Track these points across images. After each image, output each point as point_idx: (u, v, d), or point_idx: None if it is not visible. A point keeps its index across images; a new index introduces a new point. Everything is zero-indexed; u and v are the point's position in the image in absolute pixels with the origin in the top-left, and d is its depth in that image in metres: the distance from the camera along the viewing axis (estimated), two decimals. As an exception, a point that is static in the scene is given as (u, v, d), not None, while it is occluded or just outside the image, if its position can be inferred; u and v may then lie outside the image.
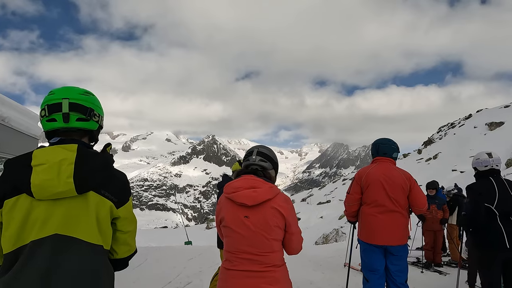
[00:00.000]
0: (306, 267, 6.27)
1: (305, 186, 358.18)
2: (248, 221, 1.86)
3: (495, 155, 3.42)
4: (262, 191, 1.88)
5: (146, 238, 17.54)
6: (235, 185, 1.94)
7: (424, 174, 22.16)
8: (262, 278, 1.83)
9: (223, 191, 2.03)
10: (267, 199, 1.87)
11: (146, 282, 5.22)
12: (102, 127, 1.67)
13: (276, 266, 1.88)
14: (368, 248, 3.34)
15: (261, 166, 2.05)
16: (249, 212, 1.87)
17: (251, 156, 2.08)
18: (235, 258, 1.90)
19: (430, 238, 6.92)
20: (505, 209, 3.14)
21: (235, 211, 1.91)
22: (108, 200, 1.47)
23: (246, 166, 2.08)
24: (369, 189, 3.34)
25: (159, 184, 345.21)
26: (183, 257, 7.01)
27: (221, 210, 1.99)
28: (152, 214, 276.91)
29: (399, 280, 3.24)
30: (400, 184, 3.26)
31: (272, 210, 1.87)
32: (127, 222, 1.57)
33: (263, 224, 1.85)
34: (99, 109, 1.61)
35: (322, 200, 31.38)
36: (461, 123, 39.22)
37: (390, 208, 3.24)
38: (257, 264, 1.84)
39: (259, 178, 1.96)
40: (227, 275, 1.92)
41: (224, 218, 1.94)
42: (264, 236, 1.85)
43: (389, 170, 3.34)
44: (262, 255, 1.85)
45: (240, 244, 1.88)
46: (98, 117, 1.59)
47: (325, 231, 16.57)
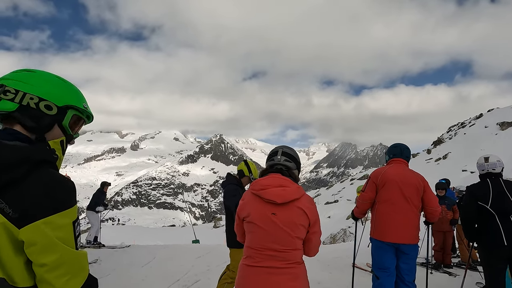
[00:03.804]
0: (314, 267, 6.25)
1: (313, 185, 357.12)
2: (275, 217, 1.91)
3: (493, 159, 3.52)
4: (291, 190, 1.96)
5: (154, 236, 17.72)
6: (264, 183, 2.00)
7: (433, 174, 21.91)
8: (283, 275, 1.88)
9: (250, 187, 2.08)
10: (295, 198, 1.94)
11: (155, 280, 5.27)
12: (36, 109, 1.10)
13: (298, 263, 1.95)
14: (380, 246, 3.42)
15: (286, 166, 2.12)
16: (276, 209, 1.93)
17: (276, 156, 2.15)
18: (258, 254, 1.94)
19: (439, 239, 6.84)
20: (501, 208, 3.28)
21: (262, 207, 1.96)
22: (1, 214, 0.94)
23: (271, 165, 2.14)
24: (385, 188, 3.44)
25: (167, 183, 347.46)
26: (191, 255, 7.05)
27: (246, 205, 2.03)
28: (160, 212, 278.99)
29: (407, 279, 3.34)
30: (415, 184, 3.37)
31: (298, 210, 1.94)
32: (38, 249, 0.96)
33: (289, 221, 1.91)
34: (22, 84, 1.09)
35: (329, 200, 31.28)
36: (471, 122, 38.63)
37: (404, 207, 3.34)
38: (280, 260, 1.90)
39: (286, 178, 2.03)
40: (248, 272, 1.95)
41: (250, 214, 1.98)
42: (289, 233, 1.91)
43: (404, 171, 3.48)
44: (285, 252, 1.90)
45: (265, 241, 1.92)
46: (15, 94, 1.07)
47: (332, 231, 16.52)
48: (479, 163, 3.61)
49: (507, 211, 3.27)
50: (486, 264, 3.41)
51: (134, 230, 23.36)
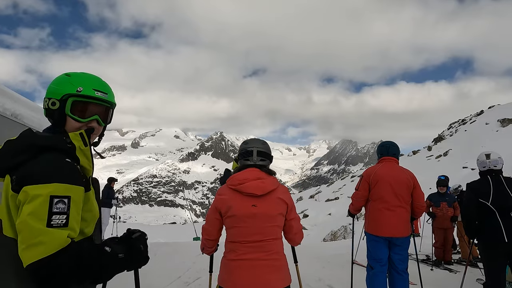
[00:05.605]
0: (315, 264, 6.27)
1: (313, 183, 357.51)
2: (256, 209, 1.98)
3: (494, 156, 3.56)
4: (268, 181, 2.07)
5: (155, 234, 17.72)
6: (241, 177, 2.06)
7: (434, 171, 21.88)
8: (266, 268, 1.95)
9: (227, 182, 2.12)
10: (273, 189, 2.05)
11: (156, 277, 5.28)
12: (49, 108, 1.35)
13: (279, 253, 2.04)
14: (374, 239, 3.70)
15: (262, 165, 2.17)
16: (256, 201, 2.00)
17: (251, 157, 2.16)
18: (241, 247, 1.98)
19: (440, 235, 6.86)
20: (502, 205, 3.31)
21: (243, 201, 2.01)
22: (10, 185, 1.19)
23: (248, 165, 2.16)
24: (377, 186, 3.67)
25: (168, 180, 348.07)
26: (192, 252, 7.06)
27: (226, 201, 2.04)
28: (160, 210, 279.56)
29: (400, 268, 3.64)
30: (405, 181, 3.64)
31: (277, 200, 2.05)
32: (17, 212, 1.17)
33: (269, 212, 2.01)
34: (47, 91, 1.38)
35: (330, 197, 31.28)
36: (472, 119, 38.53)
37: (395, 204, 3.60)
38: (263, 251, 1.97)
39: (262, 171, 2.12)
40: (231, 267, 1.98)
41: (232, 208, 2.01)
42: (270, 223, 2.01)
43: (395, 169, 3.74)
44: (267, 241, 2.00)
45: (248, 233, 1.98)
46: (46, 101, 1.36)
47: (333, 228, 16.53)
48: (480, 160, 3.62)
49: (508, 208, 3.29)
50: (486, 261, 3.44)
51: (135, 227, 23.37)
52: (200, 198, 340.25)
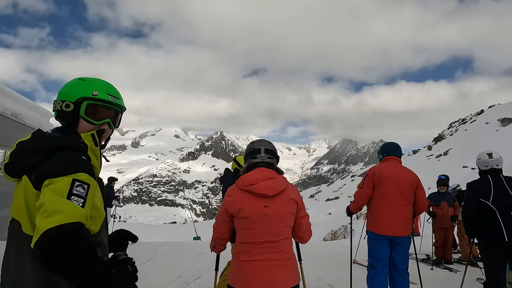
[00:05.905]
0: (315, 263, 6.26)
1: (313, 182, 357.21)
2: (268, 210, 1.97)
3: (496, 155, 3.55)
4: (279, 181, 2.05)
5: (155, 233, 17.73)
6: (251, 178, 2.03)
7: (434, 170, 21.88)
8: (279, 268, 1.95)
9: (237, 183, 2.09)
10: (283, 188, 2.03)
11: (156, 276, 5.28)
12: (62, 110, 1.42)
13: (289, 253, 2.03)
14: (376, 238, 3.68)
15: (270, 163, 2.16)
16: (268, 202, 1.98)
17: (259, 154, 2.16)
18: (254, 248, 1.97)
19: (440, 235, 6.86)
20: (502, 204, 3.30)
21: (255, 202, 1.99)
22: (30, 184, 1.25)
23: (255, 164, 2.15)
24: (382, 185, 3.67)
25: (168, 180, 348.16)
26: (192, 252, 7.07)
27: (238, 202, 2.02)
28: (161, 209, 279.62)
29: (401, 267, 3.64)
30: (409, 180, 3.67)
31: (288, 199, 2.04)
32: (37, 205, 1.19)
33: (280, 212, 2.00)
34: (59, 94, 1.45)
35: (330, 197, 31.31)
36: (472, 119, 38.51)
37: (399, 202, 3.60)
38: (275, 252, 1.97)
39: (271, 170, 2.11)
40: (244, 268, 1.97)
41: (243, 210, 1.99)
42: (281, 223, 2.00)
43: (399, 168, 3.77)
44: (278, 242, 1.99)
45: (261, 234, 1.97)
46: (59, 103, 1.42)
47: (333, 228, 16.56)
48: (483, 159, 3.59)
49: (508, 207, 3.28)
50: (486, 260, 3.43)
51: (135, 227, 23.41)
52: (200, 198, 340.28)
